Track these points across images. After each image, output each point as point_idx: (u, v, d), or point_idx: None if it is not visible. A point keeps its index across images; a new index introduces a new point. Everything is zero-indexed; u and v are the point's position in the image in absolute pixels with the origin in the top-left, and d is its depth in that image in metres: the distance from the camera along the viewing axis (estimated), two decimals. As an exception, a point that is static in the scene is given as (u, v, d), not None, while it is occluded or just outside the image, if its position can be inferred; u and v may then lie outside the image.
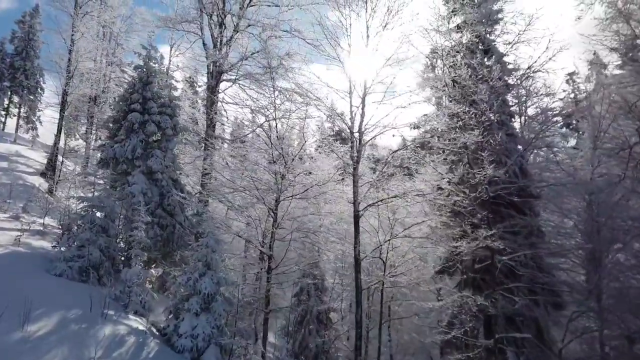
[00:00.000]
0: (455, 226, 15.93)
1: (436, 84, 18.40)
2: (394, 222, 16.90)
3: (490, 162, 16.50)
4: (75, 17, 28.78)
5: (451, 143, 15.70)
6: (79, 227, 14.61)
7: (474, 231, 14.17)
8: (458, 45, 19.50)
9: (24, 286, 11.46)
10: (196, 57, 26.42)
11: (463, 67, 15.91)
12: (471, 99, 15.93)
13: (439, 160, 17.32)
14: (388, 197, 16.23)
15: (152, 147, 19.16)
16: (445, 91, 18.16)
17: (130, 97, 19.41)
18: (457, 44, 20.51)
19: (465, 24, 19.39)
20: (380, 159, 17.09)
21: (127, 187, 17.68)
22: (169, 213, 18.63)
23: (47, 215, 20.46)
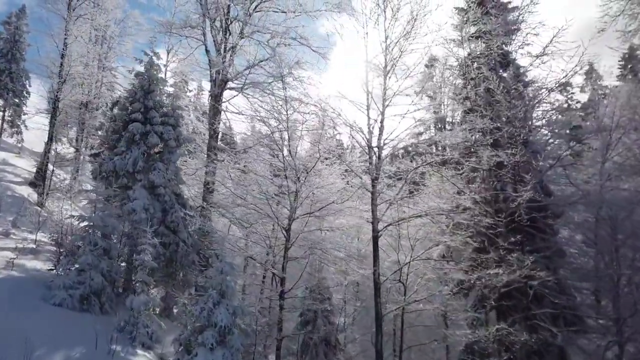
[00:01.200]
0: (480, 247, 15.09)
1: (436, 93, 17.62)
2: (415, 243, 15.98)
3: (516, 181, 15.82)
4: (68, 20, 27.47)
5: (481, 161, 14.84)
6: (79, 248, 13.43)
7: (508, 256, 13.29)
8: (473, 56, 18.78)
9: (23, 321, 10.33)
10: (195, 63, 25.35)
11: (494, 81, 15.06)
12: (505, 114, 15.12)
13: (459, 177, 16.51)
14: (409, 216, 15.33)
15: (153, 160, 18.04)
16: (464, 104, 17.37)
17: (130, 106, 18.26)
18: (472, 55, 19.85)
19: (480, 34, 18.69)
20: (397, 174, 16.16)
21: (128, 203, 16.50)
22: (172, 230, 17.50)
23: (39, 231, 19.19)
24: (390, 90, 15.80)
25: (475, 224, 14.84)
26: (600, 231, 16.76)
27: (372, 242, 15.22)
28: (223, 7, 21.79)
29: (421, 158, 15.56)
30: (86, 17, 29.56)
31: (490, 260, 14.09)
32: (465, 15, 20.02)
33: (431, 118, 44.39)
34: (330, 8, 22.13)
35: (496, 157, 14.29)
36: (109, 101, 35.40)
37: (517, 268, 12.92)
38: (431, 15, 16.38)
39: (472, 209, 15.08)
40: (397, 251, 15.71)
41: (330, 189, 16.38)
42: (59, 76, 27.09)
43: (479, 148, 15.28)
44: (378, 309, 14.62)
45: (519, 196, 13.67)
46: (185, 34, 22.28)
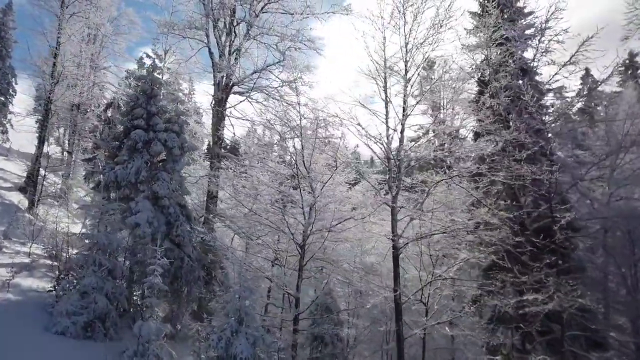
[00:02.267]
0: (506, 267, 14.31)
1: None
2: (437, 260, 15.17)
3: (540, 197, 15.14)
4: (61, 18, 26.22)
5: (516, 177, 14.07)
6: (81, 267, 12.39)
7: (546, 279, 12.53)
8: (493, 63, 17.99)
9: (23, 353, 9.30)
10: (195, 65, 24.25)
11: (527, 92, 14.29)
12: (533, 126, 14.39)
13: (476, 190, 15.73)
14: (432, 232, 14.51)
15: (157, 169, 17.03)
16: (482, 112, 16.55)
17: (132, 112, 17.19)
18: (489, 61, 19.04)
19: (503, 40, 17.91)
20: (414, 186, 15.35)
21: (130, 216, 15.45)
22: (177, 244, 16.49)
23: (33, 242, 18.08)
24: (411, 98, 14.96)
25: (501, 241, 14.05)
26: (617, 245, 16.27)
27: (393, 260, 14.36)
28: (229, 7, 20.80)
29: (444, 170, 14.74)
30: (80, 15, 28.29)
31: (519, 281, 13.33)
32: (481, 20, 19.25)
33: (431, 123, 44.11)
34: (337, 10, 21.33)
35: (531, 173, 13.50)
36: (101, 102, 34.24)
37: (554, 292, 12.12)
38: (455, 20, 15.70)
39: (499, 226, 14.28)
40: (418, 269, 14.87)
41: (346, 201, 15.46)
42: (52, 76, 25.81)
43: (504, 161, 14.47)
44: (400, 332, 13.75)
45: (558, 217, 12.88)
46: (187, 35, 21.17)
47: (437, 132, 16.96)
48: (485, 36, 17.07)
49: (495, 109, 16.24)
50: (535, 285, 12.74)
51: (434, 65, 50.88)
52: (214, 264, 18.91)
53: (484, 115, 15.44)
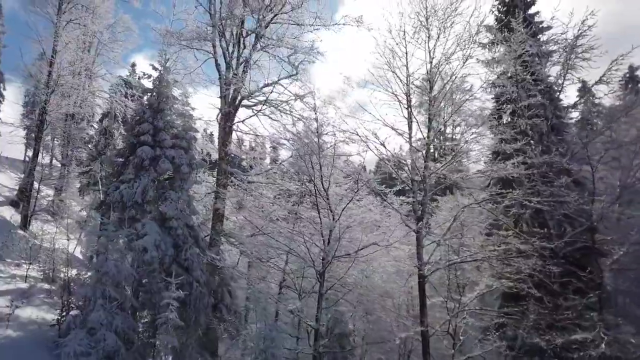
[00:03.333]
0: (536, 295, 13.56)
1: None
2: (464, 288, 14.37)
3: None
4: (58, 25, 25.17)
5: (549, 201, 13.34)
6: (88, 301, 11.37)
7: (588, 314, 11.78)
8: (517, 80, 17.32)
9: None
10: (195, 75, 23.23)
11: (563, 111, 13.60)
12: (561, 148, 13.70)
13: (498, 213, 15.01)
14: (463, 259, 13.72)
15: (164, 188, 16.05)
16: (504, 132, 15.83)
17: (138, 127, 16.22)
18: (509, 79, 18.36)
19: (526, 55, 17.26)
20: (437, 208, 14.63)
21: (136, 240, 14.44)
22: (185, 268, 15.48)
23: (30, 264, 16.98)
24: (436, 117, 14.21)
25: (533, 269, 13.31)
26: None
27: (419, 290, 13.54)
28: (238, 17, 19.96)
29: (471, 195, 13.99)
30: (76, 22, 27.23)
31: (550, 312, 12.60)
32: (499, 35, 18.58)
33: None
34: (349, 22, 20.59)
35: (575, 201, 12.78)
36: (95, 112, 33.06)
37: (602, 333, 11.36)
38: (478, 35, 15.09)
39: (531, 253, 13.52)
40: (445, 299, 14.03)
41: (368, 224, 14.63)
42: (47, 85, 24.71)
43: (537, 186, 13.77)
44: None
45: (608, 250, 12.16)
46: (194, 46, 20.25)
47: (439, 147, 16.31)
48: (510, 53, 16.32)
49: (521, 128, 15.61)
50: (573, 319, 11.97)
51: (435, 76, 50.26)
52: (221, 287, 17.93)
53: (506, 134, 14.76)
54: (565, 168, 14.98)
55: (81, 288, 11.44)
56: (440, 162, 14.96)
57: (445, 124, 45.10)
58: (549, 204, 13.42)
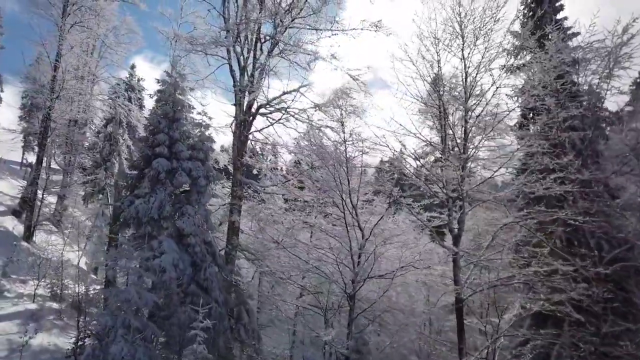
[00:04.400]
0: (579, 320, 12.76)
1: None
2: (503, 312, 13.52)
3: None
4: (63, 28, 24.25)
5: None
6: (108, 329, 10.46)
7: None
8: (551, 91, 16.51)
9: None
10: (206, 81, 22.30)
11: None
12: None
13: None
14: (501, 283, 12.89)
15: (180, 202, 15.17)
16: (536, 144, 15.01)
17: (154, 138, 15.34)
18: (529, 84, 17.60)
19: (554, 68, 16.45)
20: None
21: (154, 259, 13.55)
22: (204, 289, 14.60)
23: (38, 283, 16.06)
24: (477, 127, 13.41)
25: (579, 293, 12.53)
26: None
27: (456, 315, 12.71)
28: (254, 22, 19.11)
29: (514, 214, 13.17)
30: (81, 25, 26.31)
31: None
32: (527, 42, 17.79)
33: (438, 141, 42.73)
34: (366, 27, 19.75)
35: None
36: (97, 116, 32.07)
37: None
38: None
39: (574, 275, 12.74)
40: (484, 324, 13.19)
41: (399, 244, 13.80)
42: (51, 91, 23.77)
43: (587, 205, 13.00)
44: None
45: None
46: (208, 52, 19.38)
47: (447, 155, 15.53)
48: (546, 62, 15.49)
49: (559, 140, 14.82)
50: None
51: (441, 80, 49.47)
52: (238, 306, 17.05)
53: (535, 145, 13.92)
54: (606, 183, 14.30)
55: (101, 317, 10.50)
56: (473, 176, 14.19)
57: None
58: (598, 224, 12.60)
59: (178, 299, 13.66)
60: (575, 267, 12.77)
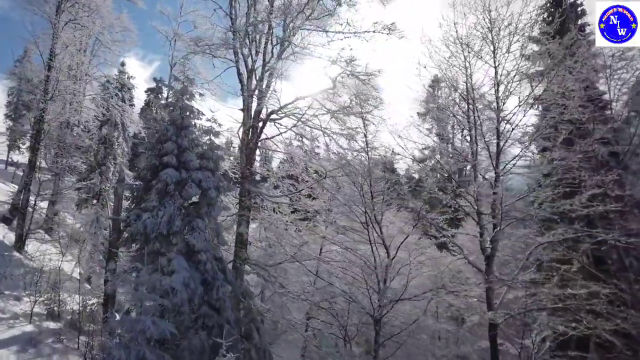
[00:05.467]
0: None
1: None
2: (536, 336, 12.78)
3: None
4: (57, 25, 23.05)
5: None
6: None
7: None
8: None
9: None
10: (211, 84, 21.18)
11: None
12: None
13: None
14: (538, 307, 12.12)
15: (190, 215, 14.15)
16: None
17: (162, 147, 14.31)
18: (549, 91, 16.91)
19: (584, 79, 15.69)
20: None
21: (163, 278, 12.53)
22: (216, 310, 13.61)
23: (35, 301, 14.98)
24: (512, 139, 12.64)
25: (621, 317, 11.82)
26: None
27: (490, 340, 11.93)
28: (264, 22, 18.16)
29: (550, 232, 12.40)
30: (76, 23, 25.09)
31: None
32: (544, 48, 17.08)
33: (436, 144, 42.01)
34: (379, 29, 18.81)
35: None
36: (91, 116, 30.73)
37: None
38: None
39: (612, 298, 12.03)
40: (518, 350, 12.43)
41: (425, 263, 12.97)
42: (45, 92, 22.55)
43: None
44: None
45: None
46: (216, 54, 18.37)
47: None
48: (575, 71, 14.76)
49: (595, 154, 14.12)
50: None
51: (440, 83, 48.64)
52: (248, 324, 16.09)
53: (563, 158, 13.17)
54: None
55: (115, 350, 9.49)
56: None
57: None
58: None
59: (189, 320, 12.70)
60: (616, 289, 12.05)
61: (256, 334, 16.49)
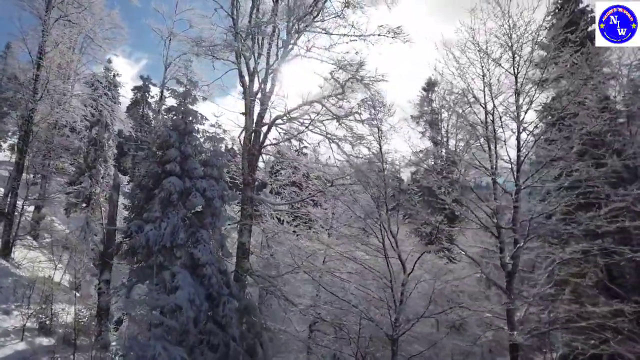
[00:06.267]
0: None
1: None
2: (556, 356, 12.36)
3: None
4: (47, 22, 22.09)
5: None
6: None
7: None
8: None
9: None
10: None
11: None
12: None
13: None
14: (562, 324, 11.67)
15: (193, 226, 13.44)
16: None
17: (164, 154, 13.60)
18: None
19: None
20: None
21: (169, 296, 11.83)
22: (222, 326, 12.93)
23: (27, 315, 14.15)
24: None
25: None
26: None
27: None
28: (268, 23, 17.50)
29: (571, 248, 11.96)
30: (66, 19, 24.08)
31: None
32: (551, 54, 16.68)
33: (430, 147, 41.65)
34: (384, 33, 18.23)
35: None
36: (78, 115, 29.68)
37: None
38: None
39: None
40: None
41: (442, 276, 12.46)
42: (34, 92, 21.56)
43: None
44: None
45: None
46: (217, 55, 17.65)
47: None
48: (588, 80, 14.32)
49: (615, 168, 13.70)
50: None
51: (434, 86, 48.13)
52: (252, 339, 15.43)
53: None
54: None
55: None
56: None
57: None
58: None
59: (195, 339, 12.02)
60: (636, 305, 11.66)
61: (260, 349, 15.85)
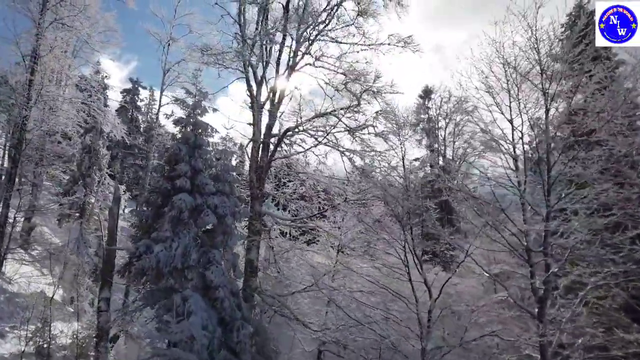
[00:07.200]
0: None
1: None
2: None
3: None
4: (42, 25, 21.15)
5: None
6: None
7: None
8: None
9: None
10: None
11: None
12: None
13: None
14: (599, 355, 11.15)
15: (204, 245, 12.68)
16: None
17: (173, 168, 12.85)
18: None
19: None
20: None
21: (180, 322, 11.07)
22: (235, 353, 12.19)
23: (26, 334, 13.28)
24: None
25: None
26: None
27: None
28: (277, 31, 16.88)
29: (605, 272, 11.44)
30: (61, 22, 23.13)
31: None
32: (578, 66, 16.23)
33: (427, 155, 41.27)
34: (394, 42, 17.70)
35: None
36: (71, 122, 28.66)
37: None
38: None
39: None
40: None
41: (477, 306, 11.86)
42: (27, 98, 20.58)
43: None
44: None
45: None
46: (219, 62, 16.95)
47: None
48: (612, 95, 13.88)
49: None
50: None
51: (431, 94, 47.80)
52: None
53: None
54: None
55: None
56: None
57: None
58: None
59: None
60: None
61: (271, 375, 15.15)
